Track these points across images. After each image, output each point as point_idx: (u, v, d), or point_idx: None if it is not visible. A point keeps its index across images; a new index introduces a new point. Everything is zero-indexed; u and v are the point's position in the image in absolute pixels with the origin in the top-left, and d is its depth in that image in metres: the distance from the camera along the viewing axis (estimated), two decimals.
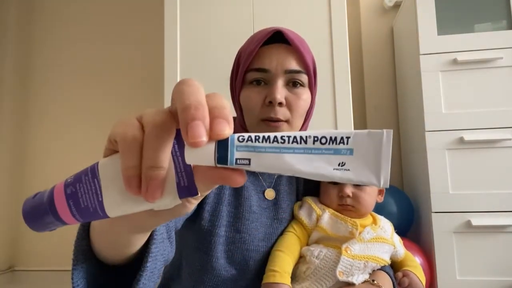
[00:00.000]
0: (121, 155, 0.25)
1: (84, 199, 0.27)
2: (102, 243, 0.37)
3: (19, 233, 2.24)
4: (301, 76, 0.65)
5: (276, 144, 0.24)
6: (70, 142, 2.27)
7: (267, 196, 0.72)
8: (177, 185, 0.26)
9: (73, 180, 0.28)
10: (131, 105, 2.25)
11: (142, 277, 0.39)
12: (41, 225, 0.29)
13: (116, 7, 2.33)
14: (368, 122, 2.06)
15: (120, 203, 0.27)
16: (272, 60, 0.64)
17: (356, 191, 0.70)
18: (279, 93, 0.62)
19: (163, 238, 0.44)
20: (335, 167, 0.24)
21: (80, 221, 0.28)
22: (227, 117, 0.24)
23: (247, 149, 0.24)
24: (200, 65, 1.59)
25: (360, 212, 0.70)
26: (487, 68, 1.51)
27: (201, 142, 0.23)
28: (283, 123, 0.64)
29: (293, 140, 0.24)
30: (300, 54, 0.64)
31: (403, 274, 0.69)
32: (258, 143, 0.25)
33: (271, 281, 0.62)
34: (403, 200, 1.65)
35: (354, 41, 2.07)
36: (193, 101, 0.24)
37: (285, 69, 0.64)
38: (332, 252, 0.65)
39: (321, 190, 0.74)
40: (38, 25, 2.37)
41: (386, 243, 0.69)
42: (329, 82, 1.52)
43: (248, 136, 0.25)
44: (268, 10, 1.59)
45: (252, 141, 0.25)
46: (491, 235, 1.43)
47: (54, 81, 2.33)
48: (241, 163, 0.24)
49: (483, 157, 1.46)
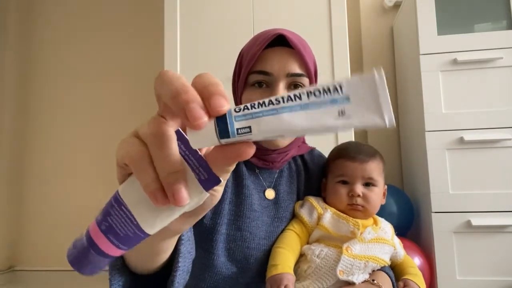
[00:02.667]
0: (136, 175, 0.26)
1: (121, 229, 0.28)
2: (137, 257, 0.39)
3: (19, 233, 2.24)
4: (303, 79, 0.66)
5: (272, 106, 0.24)
6: (70, 142, 2.27)
7: (267, 196, 0.72)
8: (199, 180, 0.26)
9: (102, 216, 0.29)
10: (131, 105, 2.25)
11: (176, 277, 0.41)
12: (92, 268, 0.30)
13: (116, 7, 2.33)
14: None
15: (155, 219, 0.27)
16: (275, 63, 0.64)
17: (365, 191, 0.70)
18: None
19: (188, 237, 0.46)
20: (335, 117, 0.24)
21: (126, 249, 0.29)
22: (222, 92, 0.24)
23: (245, 117, 0.24)
24: (200, 65, 1.59)
25: (368, 212, 0.71)
26: (487, 68, 1.51)
27: (203, 122, 0.23)
28: None
29: (288, 99, 0.24)
30: (302, 57, 0.65)
31: (404, 283, 0.69)
32: (255, 109, 0.24)
33: (273, 273, 0.62)
34: (403, 200, 1.65)
35: (354, 41, 2.07)
36: (179, 86, 0.24)
37: (287, 73, 0.64)
38: (333, 251, 0.65)
39: (328, 190, 0.74)
40: (38, 24, 2.37)
41: (387, 244, 0.69)
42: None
43: (244, 105, 0.25)
44: (268, 10, 1.59)
45: (248, 109, 0.24)
46: (491, 235, 1.43)
47: (54, 81, 2.33)
48: (243, 132, 0.24)
49: (483, 157, 1.46)
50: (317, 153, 0.83)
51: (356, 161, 0.72)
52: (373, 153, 0.74)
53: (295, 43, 0.65)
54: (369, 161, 0.72)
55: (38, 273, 2.18)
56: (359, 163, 0.71)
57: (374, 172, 0.71)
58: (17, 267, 2.21)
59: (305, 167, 0.80)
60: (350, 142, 0.82)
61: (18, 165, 2.27)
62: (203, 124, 0.23)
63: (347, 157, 0.73)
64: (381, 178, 0.73)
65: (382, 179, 0.73)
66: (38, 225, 2.23)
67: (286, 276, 0.61)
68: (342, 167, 0.73)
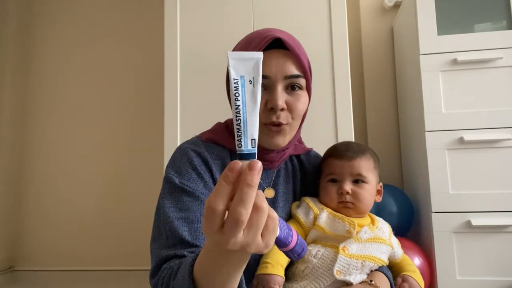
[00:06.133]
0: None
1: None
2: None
3: (19, 233, 2.24)
4: (300, 80, 0.67)
5: None
6: (70, 142, 2.27)
7: (266, 195, 0.72)
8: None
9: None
10: (131, 105, 2.25)
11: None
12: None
13: (116, 6, 2.33)
14: (368, 122, 2.07)
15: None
16: (272, 66, 0.65)
17: (355, 188, 0.71)
18: (280, 99, 0.64)
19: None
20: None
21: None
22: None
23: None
24: (200, 65, 1.59)
25: (360, 209, 0.71)
26: (487, 68, 1.51)
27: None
28: (284, 126, 0.66)
29: None
30: (298, 59, 0.66)
31: (402, 279, 0.70)
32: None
33: (263, 272, 0.62)
34: (403, 200, 1.65)
35: (354, 41, 2.07)
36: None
37: (284, 75, 0.65)
38: (330, 251, 0.65)
39: (320, 189, 0.75)
40: (38, 24, 2.38)
41: (384, 243, 0.69)
42: (329, 82, 1.52)
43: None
44: (268, 10, 1.59)
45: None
46: (491, 235, 1.42)
47: (54, 81, 2.33)
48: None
49: (483, 157, 1.46)
50: (313, 154, 0.84)
51: (344, 158, 0.72)
52: (362, 150, 0.74)
53: (291, 45, 0.65)
54: (356, 157, 0.72)
55: (38, 273, 2.18)
56: (347, 160, 0.72)
57: (363, 168, 0.71)
58: (17, 267, 2.22)
59: (301, 167, 0.81)
60: (341, 142, 0.82)
61: (18, 165, 2.27)
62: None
63: (335, 156, 0.74)
64: (371, 175, 0.73)
65: (373, 175, 0.73)
66: (38, 225, 2.23)
67: (275, 278, 0.61)
68: (331, 166, 0.74)
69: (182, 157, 0.69)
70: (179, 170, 0.67)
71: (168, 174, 0.67)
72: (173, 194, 0.65)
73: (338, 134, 1.49)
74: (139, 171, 2.18)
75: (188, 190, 0.64)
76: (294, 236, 0.42)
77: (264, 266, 0.63)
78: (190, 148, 0.70)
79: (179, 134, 1.54)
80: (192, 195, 0.64)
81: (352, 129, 1.49)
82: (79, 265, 2.16)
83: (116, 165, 2.22)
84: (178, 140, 1.53)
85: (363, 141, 2.05)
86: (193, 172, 0.67)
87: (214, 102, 1.53)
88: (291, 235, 0.42)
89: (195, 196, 0.64)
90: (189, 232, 0.60)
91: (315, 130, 1.48)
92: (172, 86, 1.57)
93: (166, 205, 0.64)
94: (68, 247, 2.19)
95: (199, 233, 0.61)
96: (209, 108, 1.54)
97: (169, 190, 0.66)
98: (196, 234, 0.61)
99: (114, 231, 2.17)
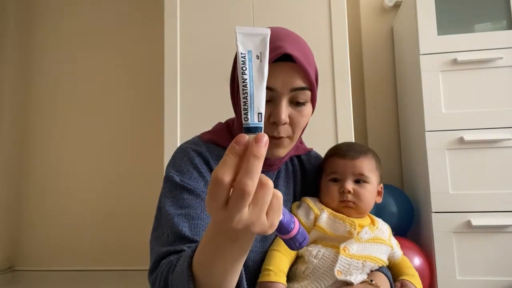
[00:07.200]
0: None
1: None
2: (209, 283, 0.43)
3: (19, 233, 2.24)
4: (305, 94, 0.65)
5: None
6: (70, 142, 2.27)
7: None
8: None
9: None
10: (131, 105, 2.25)
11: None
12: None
13: (116, 6, 2.33)
14: (368, 122, 2.07)
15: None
16: (278, 79, 0.62)
17: (356, 187, 0.71)
18: (283, 114, 0.62)
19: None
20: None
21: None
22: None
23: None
24: (200, 65, 1.59)
25: (361, 209, 0.71)
26: (487, 68, 1.51)
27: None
28: (285, 139, 0.66)
29: None
30: (305, 71, 0.63)
31: (401, 284, 0.70)
32: None
33: (265, 280, 0.62)
34: (403, 200, 1.65)
35: (354, 41, 2.07)
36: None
37: (290, 88, 0.63)
38: (330, 251, 0.65)
39: (321, 189, 0.75)
40: (38, 25, 2.37)
41: (384, 244, 0.69)
42: (329, 82, 1.52)
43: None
44: (268, 10, 1.59)
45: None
46: (491, 235, 1.42)
47: (55, 82, 2.33)
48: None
49: (483, 157, 1.46)
50: (314, 154, 0.83)
51: (346, 158, 0.73)
52: (365, 151, 0.74)
53: (300, 59, 0.62)
54: (359, 157, 0.72)
55: (38, 273, 2.18)
56: (349, 159, 0.72)
57: (365, 168, 0.72)
58: (17, 267, 2.22)
59: (301, 167, 0.80)
60: (343, 142, 0.82)
61: (18, 165, 2.27)
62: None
63: (337, 155, 0.74)
64: (373, 175, 0.73)
65: (375, 176, 0.73)
66: (38, 225, 2.23)
67: (277, 285, 0.61)
68: (333, 165, 0.74)
69: (183, 157, 0.68)
70: (180, 169, 0.67)
71: (168, 173, 0.67)
72: (174, 192, 0.65)
73: (338, 134, 1.49)
74: (140, 171, 2.18)
75: (189, 188, 0.64)
76: (296, 224, 0.42)
77: (266, 273, 0.63)
78: (191, 148, 0.69)
79: (179, 134, 1.54)
80: (193, 193, 0.64)
81: (352, 129, 1.49)
82: (79, 265, 2.16)
83: (116, 166, 2.22)
84: (178, 140, 1.53)
85: (363, 141, 2.05)
86: (194, 171, 0.66)
87: (214, 102, 1.53)
88: (293, 221, 0.41)
89: (196, 194, 0.64)
90: (189, 228, 0.60)
91: (315, 130, 1.47)
92: (172, 86, 1.57)
93: (167, 203, 0.64)
94: (68, 247, 2.19)
95: (200, 229, 0.61)
96: (209, 108, 1.54)
97: (169, 188, 0.65)
98: (196, 230, 0.60)
99: (114, 231, 2.17)
